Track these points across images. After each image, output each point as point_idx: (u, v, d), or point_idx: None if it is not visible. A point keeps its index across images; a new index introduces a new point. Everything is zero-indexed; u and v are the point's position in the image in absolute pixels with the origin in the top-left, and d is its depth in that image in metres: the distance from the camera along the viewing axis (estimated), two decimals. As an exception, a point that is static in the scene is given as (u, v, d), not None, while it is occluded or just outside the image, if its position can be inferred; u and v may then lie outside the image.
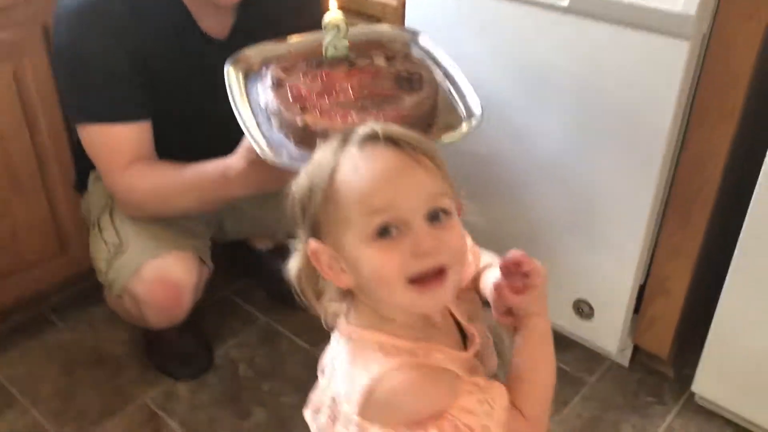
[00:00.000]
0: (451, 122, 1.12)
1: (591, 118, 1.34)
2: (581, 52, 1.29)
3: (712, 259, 1.41)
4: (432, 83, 1.15)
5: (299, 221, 0.74)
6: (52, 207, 1.58)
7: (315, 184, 0.71)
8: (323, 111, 1.07)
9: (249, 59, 1.21)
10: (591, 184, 1.40)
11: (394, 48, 1.24)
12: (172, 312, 1.35)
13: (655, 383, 1.54)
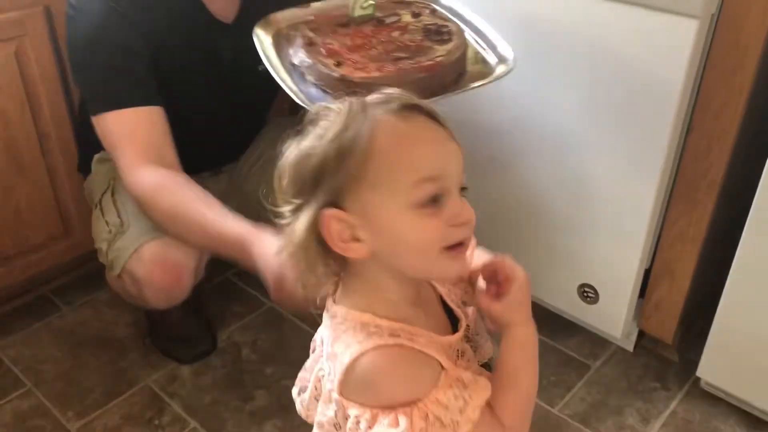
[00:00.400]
0: (481, 70, 1.16)
1: (597, 100, 1.33)
2: (588, 31, 1.28)
3: (718, 244, 1.40)
4: (460, 34, 1.18)
5: (306, 190, 0.70)
6: (55, 189, 1.58)
7: (349, 148, 0.67)
8: (359, 64, 1.09)
9: (277, 22, 1.23)
10: (597, 166, 1.38)
11: (419, 5, 1.27)
12: (171, 292, 1.34)
13: (660, 368, 1.54)
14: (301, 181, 0.70)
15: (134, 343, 1.58)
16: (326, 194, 0.68)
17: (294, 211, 0.71)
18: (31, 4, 1.41)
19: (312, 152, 0.69)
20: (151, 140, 1.26)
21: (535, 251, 1.57)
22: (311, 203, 0.69)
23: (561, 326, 1.63)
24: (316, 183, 0.69)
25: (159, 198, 1.21)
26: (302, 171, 0.70)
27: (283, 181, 0.71)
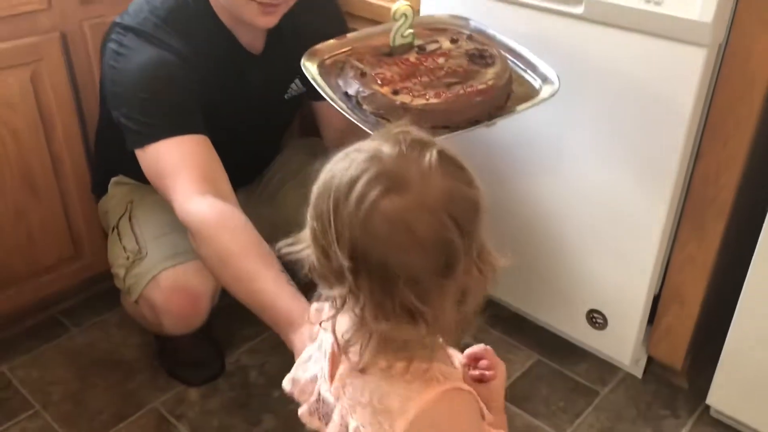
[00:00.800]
0: (523, 92, 1.19)
1: (607, 126, 1.34)
2: (596, 59, 1.29)
3: (728, 270, 1.40)
4: (502, 57, 1.21)
5: (461, 251, 0.65)
6: (67, 212, 1.60)
7: (484, 202, 0.68)
8: (414, 92, 1.11)
9: (321, 54, 1.25)
10: (606, 192, 1.39)
11: (453, 31, 1.29)
12: (189, 320, 1.35)
13: (670, 395, 1.53)
14: (450, 246, 0.66)
15: (142, 364, 1.58)
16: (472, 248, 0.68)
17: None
18: (48, 30, 1.44)
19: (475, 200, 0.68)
20: (207, 168, 1.22)
21: (544, 276, 1.57)
22: (467, 257, 0.68)
23: (569, 352, 1.63)
24: (470, 241, 0.67)
25: (218, 236, 1.13)
26: (450, 235, 0.66)
27: (415, 252, 0.65)
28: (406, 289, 0.64)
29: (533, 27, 1.35)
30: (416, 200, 0.64)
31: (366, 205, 0.63)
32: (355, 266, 0.65)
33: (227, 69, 1.33)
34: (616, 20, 1.23)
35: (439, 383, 0.69)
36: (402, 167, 0.65)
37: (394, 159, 0.65)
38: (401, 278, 0.64)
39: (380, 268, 0.64)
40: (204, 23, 1.30)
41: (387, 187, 0.63)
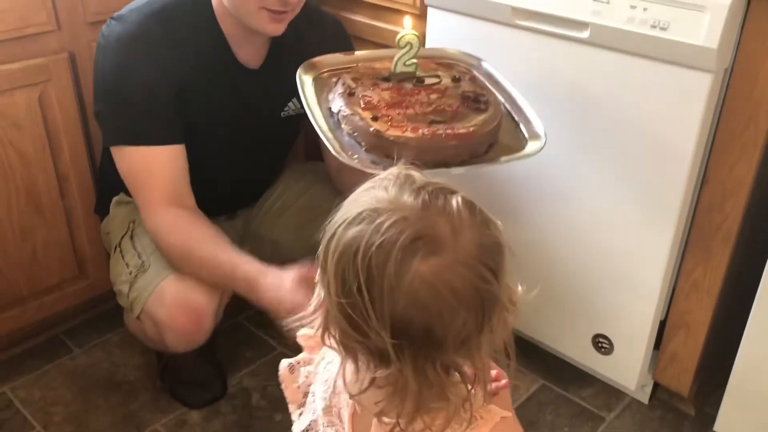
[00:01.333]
0: (512, 145, 1.16)
1: (611, 151, 1.34)
2: (602, 84, 1.29)
3: (735, 295, 1.39)
4: (496, 105, 1.19)
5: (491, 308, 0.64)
6: (72, 231, 1.60)
7: (505, 241, 0.67)
8: (394, 122, 1.10)
9: (320, 67, 1.25)
10: (612, 217, 1.38)
11: (459, 69, 1.28)
12: (192, 336, 1.35)
13: (676, 421, 1.51)
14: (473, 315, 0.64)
15: (144, 386, 1.57)
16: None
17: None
18: (56, 51, 1.45)
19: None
20: (170, 180, 1.28)
21: (550, 301, 1.56)
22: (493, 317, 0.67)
23: (575, 377, 1.61)
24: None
25: (172, 236, 1.27)
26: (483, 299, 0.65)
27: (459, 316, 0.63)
28: (451, 352, 0.62)
29: (539, 51, 1.36)
30: (454, 258, 0.61)
31: (408, 273, 0.60)
32: (398, 339, 0.62)
33: (219, 81, 1.32)
34: (621, 45, 1.23)
35: (484, 420, 0.68)
36: (432, 224, 0.62)
37: (421, 215, 0.62)
38: (449, 342, 0.62)
39: (425, 335, 0.61)
40: (198, 29, 1.28)
41: (425, 251, 0.61)
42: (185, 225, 1.28)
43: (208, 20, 1.29)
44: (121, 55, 1.25)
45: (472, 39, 1.45)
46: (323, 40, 1.40)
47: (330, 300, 0.65)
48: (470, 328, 0.62)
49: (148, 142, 1.26)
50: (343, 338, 0.66)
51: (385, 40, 1.60)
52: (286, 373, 0.82)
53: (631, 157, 1.32)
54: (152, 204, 1.28)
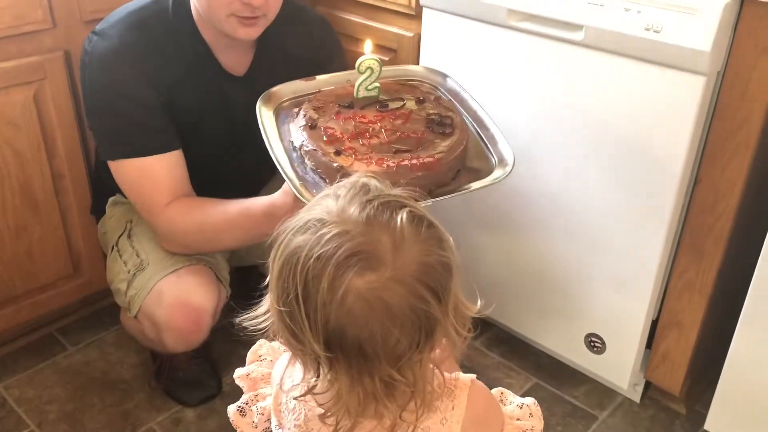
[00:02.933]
0: (479, 167, 1.13)
1: (605, 152, 1.35)
2: (596, 85, 1.30)
3: (727, 295, 1.40)
4: (462, 128, 1.16)
5: (438, 321, 0.63)
6: (67, 229, 1.60)
7: (456, 260, 0.65)
8: (358, 154, 1.07)
9: (280, 97, 1.22)
10: (604, 217, 1.40)
11: (424, 90, 1.25)
12: (191, 336, 1.35)
13: (668, 420, 1.52)
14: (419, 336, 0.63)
15: (139, 384, 1.58)
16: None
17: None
18: (52, 49, 1.45)
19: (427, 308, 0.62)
20: (173, 185, 1.29)
21: (543, 300, 1.57)
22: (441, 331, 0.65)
23: (567, 376, 1.62)
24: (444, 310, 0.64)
25: (184, 220, 1.28)
26: (419, 312, 0.63)
27: (394, 334, 0.62)
28: (386, 367, 0.62)
29: (534, 53, 1.36)
30: (392, 275, 0.61)
31: (341, 288, 0.60)
32: (332, 352, 0.62)
33: (205, 89, 1.32)
34: (615, 47, 1.24)
35: (460, 389, 0.71)
36: (373, 240, 0.62)
37: (364, 230, 0.62)
38: (381, 357, 0.62)
39: (357, 349, 0.61)
40: (181, 39, 1.28)
41: (361, 266, 0.60)
42: (192, 204, 1.30)
43: (189, 29, 1.29)
44: (107, 70, 1.25)
45: (466, 40, 1.46)
46: (309, 42, 1.40)
47: (272, 306, 0.66)
48: (404, 346, 0.62)
49: (145, 153, 1.27)
50: (286, 343, 0.67)
51: (380, 39, 1.61)
52: (237, 416, 0.82)
53: (624, 158, 1.33)
54: (158, 207, 1.28)
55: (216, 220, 1.27)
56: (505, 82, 1.43)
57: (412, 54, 1.58)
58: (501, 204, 1.53)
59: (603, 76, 1.29)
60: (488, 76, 1.44)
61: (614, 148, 1.33)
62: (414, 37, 1.56)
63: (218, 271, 1.41)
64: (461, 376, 0.73)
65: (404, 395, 0.66)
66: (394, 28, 1.60)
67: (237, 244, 1.35)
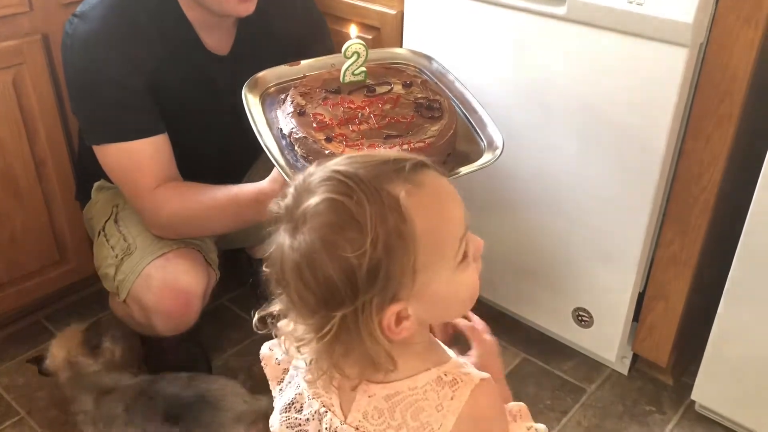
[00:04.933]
0: (468, 150, 1.13)
1: (589, 126, 1.35)
2: (579, 59, 1.30)
3: (712, 267, 1.41)
4: (451, 111, 1.16)
5: (346, 301, 0.64)
6: (51, 216, 1.59)
7: (395, 240, 0.63)
8: (349, 140, 1.06)
9: (265, 83, 1.21)
10: (589, 191, 1.40)
11: (410, 74, 1.24)
12: (181, 319, 1.35)
13: (655, 391, 1.54)
14: (341, 294, 0.64)
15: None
16: (381, 297, 0.65)
17: (323, 322, 0.66)
18: (29, 33, 1.43)
19: (353, 266, 0.63)
20: (158, 168, 1.28)
21: (531, 275, 1.58)
22: (363, 311, 0.65)
23: (556, 350, 1.64)
24: (365, 292, 0.64)
25: (171, 204, 1.28)
26: (343, 285, 0.64)
27: (308, 297, 0.66)
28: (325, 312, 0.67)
29: (516, 28, 1.36)
30: (298, 247, 0.65)
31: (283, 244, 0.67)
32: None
33: (189, 70, 1.31)
34: (598, 21, 1.24)
35: (465, 383, 0.70)
36: (293, 207, 0.67)
37: (292, 200, 0.67)
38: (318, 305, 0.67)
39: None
40: (164, 19, 1.26)
41: (285, 228, 0.67)
42: (180, 190, 1.29)
43: (172, 9, 1.27)
44: (89, 53, 1.23)
45: (450, 17, 1.45)
46: (292, 20, 1.39)
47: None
48: (315, 306, 0.67)
49: (130, 137, 1.25)
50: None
51: (363, 18, 1.60)
52: (266, 351, 0.83)
53: (608, 132, 1.33)
54: (144, 192, 1.28)
55: (204, 206, 1.27)
56: (488, 58, 1.42)
57: (396, 32, 1.57)
58: (487, 182, 1.53)
59: (586, 50, 1.29)
60: (472, 52, 1.44)
61: (598, 122, 1.33)
62: (397, 14, 1.55)
63: (207, 254, 1.41)
64: (473, 373, 0.72)
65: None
66: (377, 6, 1.58)
67: (223, 230, 1.35)
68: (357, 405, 0.72)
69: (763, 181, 1.18)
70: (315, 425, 0.77)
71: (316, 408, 0.77)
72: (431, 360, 0.72)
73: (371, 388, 0.71)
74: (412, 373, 0.71)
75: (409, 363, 0.71)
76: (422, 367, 0.71)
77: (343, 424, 0.74)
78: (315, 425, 0.77)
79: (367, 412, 0.72)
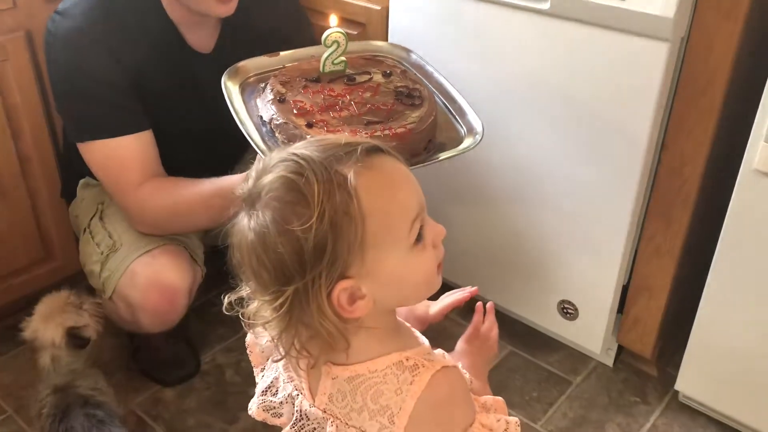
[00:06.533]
0: (447, 139, 1.14)
1: (572, 120, 1.36)
2: (562, 54, 1.31)
3: (695, 258, 1.43)
4: (431, 99, 1.17)
5: (296, 277, 0.66)
6: (37, 213, 1.58)
7: (341, 226, 0.65)
8: (330, 126, 1.07)
9: (245, 73, 1.21)
10: (573, 184, 1.41)
11: (389, 64, 1.25)
12: (167, 316, 1.35)
13: (640, 382, 1.56)
14: (290, 269, 0.67)
15: (117, 366, 1.57)
16: (328, 272, 0.66)
17: (277, 296, 0.68)
18: (13, 29, 1.42)
19: (300, 240, 0.65)
20: (143, 165, 1.28)
21: (516, 268, 1.59)
22: (312, 285, 0.67)
23: (542, 343, 1.65)
24: (313, 267, 0.66)
25: (155, 200, 1.27)
26: (292, 260, 0.66)
27: (262, 273, 0.69)
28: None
29: (499, 23, 1.37)
30: (253, 226, 0.68)
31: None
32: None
33: (172, 67, 1.31)
34: (581, 15, 1.25)
35: (426, 368, 0.71)
36: (252, 188, 0.70)
37: (252, 183, 0.70)
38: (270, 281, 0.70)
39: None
40: (146, 17, 1.27)
41: (245, 209, 0.70)
42: (164, 185, 1.29)
43: (154, 7, 1.27)
44: (72, 50, 1.23)
45: (435, 12, 1.45)
46: (275, 17, 1.39)
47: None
48: (269, 283, 0.69)
49: (114, 134, 1.26)
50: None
51: (348, 14, 1.60)
52: (251, 339, 0.85)
53: (591, 125, 1.34)
54: (129, 188, 1.28)
55: (190, 200, 1.27)
56: (473, 54, 1.43)
57: (381, 28, 1.57)
58: (471, 175, 1.54)
59: (569, 44, 1.30)
60: (456, 48, 1.44)
61: (581, 116, 1.34)
62: (382, 10, 1.55)
63: (192, 251, 1.41)
64: (437, 359, 0.74)
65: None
66: (362, 2, 1.59)
67: (210, 225, 1.34)
68: (323, 387, 0.74)
69: (743, 173, 1.19)
70: (289, 408, 0.79)
71: (289, 391, 0.79)
72: (394, 345, 0.73)
73: (334, 370, 0.73)
74: (373, 356, 0.72)
75: (369, 346, 0.72)
76: (383, 351, 0.72)
77: (312, 406, 0.76)
78: (289, 408, 0.79)
79: (332, 395, 0.74)
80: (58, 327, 1.30)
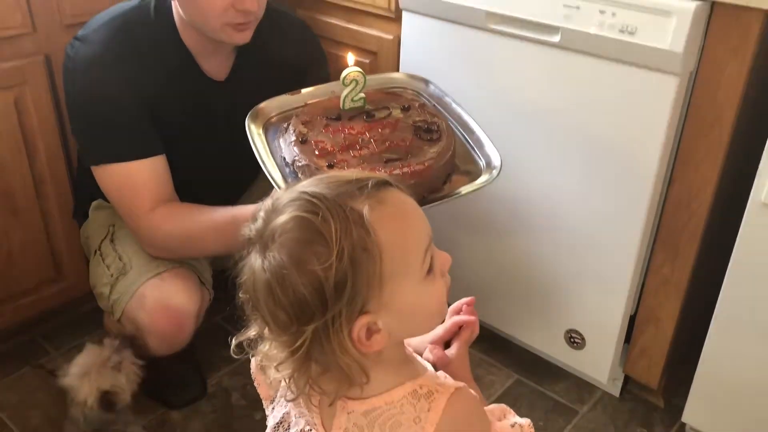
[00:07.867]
0: (467, 171, 1.15)
1: (581, 152, 1.37)
2: (572, 87, 1.33)
3: (702, 291, 1.43)
4: (449, 133, 1.18)
5: (315, 316, 0.66)
6: (49, 233, 1.59)
7: (359, 263, 0.65)
8: (350, 166, 1.08)
9: (267, 113, 1.23)
10: (581, 216, 1.42)
11: (407, 97, 1.26)
12: (174, 339, 1.36)
13: (646, 413, 1.55)
14: (311, 309, 0.67)
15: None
16: (349, 309, 0.67)
17: (296, 337, 0.68)
18: (32, 53, 1.45)
19: (320, 279, 0.65)
20: (156, 189, 1.30)
21: (523, 297, 1.60)
22: (333, 323, 0.67)
23: (548, 372, 1.65)
24: (334, 305, 0.66)
25: (168, 224, 1.29)
26: (312, 299, 0.66)
27: (279, 314, 0.68)
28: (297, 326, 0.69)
29: (510, 54, 1.39)
30: (268, 266, 0.68)
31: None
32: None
33: (187, 94, 1.33)
34: (591, 49, 1.27)
35: (441, 393, 0.72)
36: (263, 228, 0.69)
37: (262, 222, 0.70)
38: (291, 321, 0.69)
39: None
40: (162, 44, 1.29)
41: (257, 249, 0.70)
42: (177, 210, 1.30)
43: (170, 35, 1.29)
44: (90, 76, 1.25)
45: (446, 43, 1.48)
46: (289, 46, 1.41)
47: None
48: (287, 323, 0.69)
49: (128, 158, 1.27)
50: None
51: (360, 42, 1.62)
52: (258, 371, 0.85)
53: (600, 158, 1.35)
54: (141, 213, 1.29)
55: (201, 227, 1.28)
56: (483, 85, 1.45)
57: (392, 57, 1.59)
58: (482, 205, 1.55)
59: (579, 77, 1.31)
60: (467, 78, 1.46)
61: (591, 148, 1.36)
62: (394, 39, 1.58)
63: (201, 274, 1.42)
64: (447, 383, 0.74)
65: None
66: (374, 31, 1.61)
67: (221, 251, 1.34)
68: (337, 422, 0.74)
69: (750, 207, 1.20)
70: None
71: (302, 426, 0.79)
72: (406, 374, 0.74)
73: (349, 404, 0.74)
74: (388, 387, 0.73)
75: (384, 378, 0.73)
76: (397, 382, 0.73)
77: None
78: None
79: (348, 429, 0.74)
80: (93, 388, 1.31)
